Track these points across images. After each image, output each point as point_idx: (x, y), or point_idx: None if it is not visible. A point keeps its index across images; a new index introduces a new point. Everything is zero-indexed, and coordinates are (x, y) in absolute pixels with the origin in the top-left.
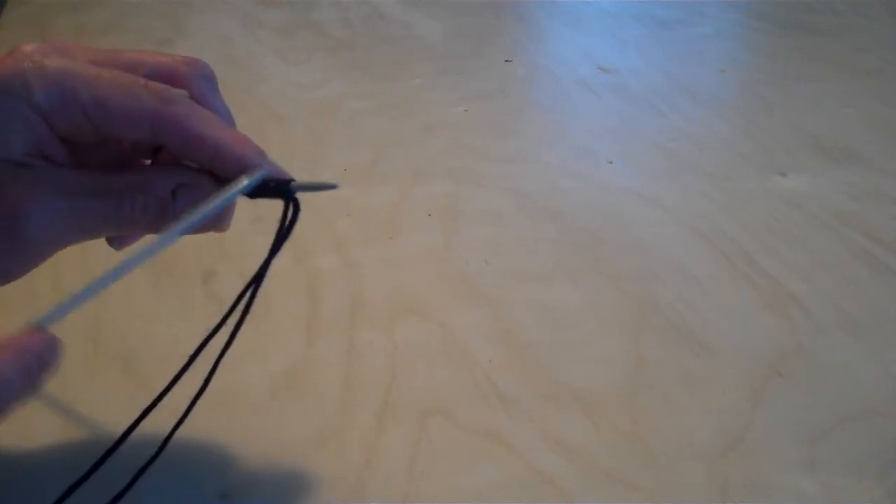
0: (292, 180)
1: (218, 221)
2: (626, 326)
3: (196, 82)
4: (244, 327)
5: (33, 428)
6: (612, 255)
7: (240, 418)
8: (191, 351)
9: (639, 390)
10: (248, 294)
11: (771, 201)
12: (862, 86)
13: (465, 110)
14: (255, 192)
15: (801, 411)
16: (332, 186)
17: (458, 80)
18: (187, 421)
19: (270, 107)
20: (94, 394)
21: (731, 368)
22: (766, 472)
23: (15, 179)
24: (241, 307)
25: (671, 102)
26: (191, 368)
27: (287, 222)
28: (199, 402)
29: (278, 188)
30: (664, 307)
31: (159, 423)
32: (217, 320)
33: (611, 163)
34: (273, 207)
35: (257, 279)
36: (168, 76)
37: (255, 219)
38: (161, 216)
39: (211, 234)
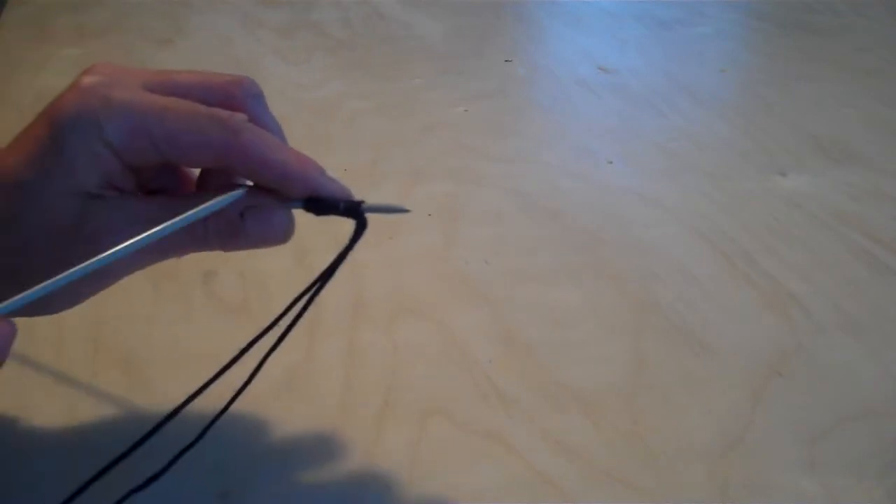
0: (363, 202)
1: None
2: (626, 326)
3: (249, 102)
4: (246, 327)
5: (33, 429)
6: (612, 255)
7: (240, 418)
8: (191, 351)
9: (639, 390)
10: (306, 297)
11: (771, 201)
12: (862, 86)
13: (465, 110)
14: (326, 209)
15: (801, 411)
16: (404, 211)
17: (458, 80)
18: (187, 420)
19: (270, 107)
20: (96, 395)
21: (731, 368)
22: (766, 472)
23: (90, 212)
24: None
25: (671, 102)
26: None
27: (352, 241)
28: (197, 402)
29: (349, 209)
30: (664, 307)
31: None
32: (217, 320)
33: (611, 163)
34: None
35: (323, 279)
36: (223, 98)
37: None
38: (232, 236)
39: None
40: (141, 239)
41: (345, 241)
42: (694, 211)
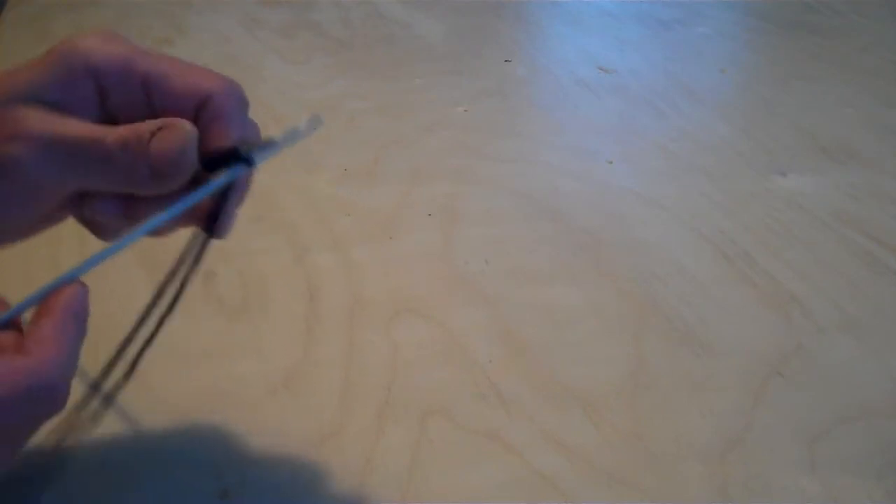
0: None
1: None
2: (626, 326)
3: (229, 109)
4: (245, 327)
5: None
6: (612, 255)
7: (240, 418)
8: (192, 350)
9: (639, 390)
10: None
11: (771, 201)
12: (862, 86)
13: (465, 110)
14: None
15: (801, 411)
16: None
17: (458, 80)
18: (187, 421)
19: (270, 107)
20: (95, 394)
21: (731, 368)
22: (766, 472)
23: (31, 117)
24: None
25: (671, 102)
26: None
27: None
28: (198, 402)
29: (234, 155)
30: (664, 307)
31: None
32: (217, 320)
33: (611, 163)
34: (273, 208)
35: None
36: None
37: (256, 219)
38: (138, 167)
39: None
40: (144, 227)
41: (344, 240)
42: (694, 211)
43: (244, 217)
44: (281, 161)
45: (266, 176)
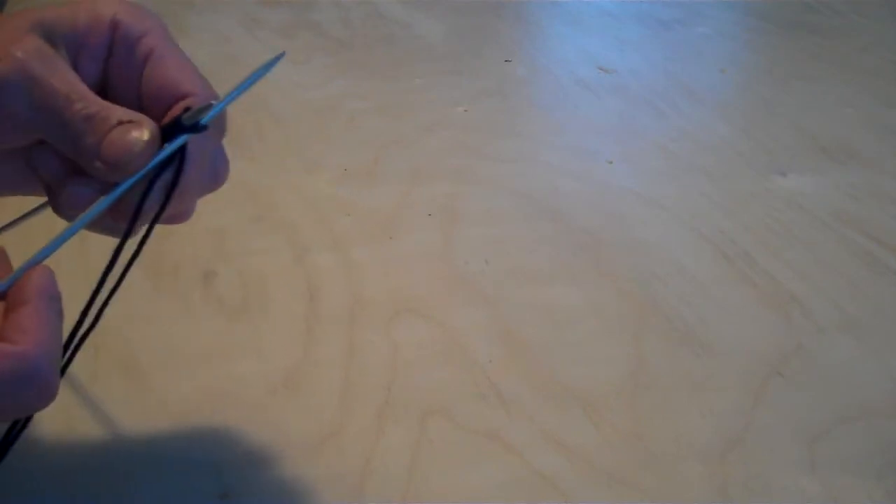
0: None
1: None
2: (626, 326)
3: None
4: (245, 327)
5: (32, 428)
6: (612, 255)
7: (240, 418)
8: (192, 351)
9: (639, 390)
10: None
11: (771, 201)
12: (862, 86)
13: (465, 110)
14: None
15: (801, 411)
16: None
17: (458, 80)
18: (187, 421)
19: (270, 107)
20: (95, 397)
21: (731, 368)
22: (766, 472)
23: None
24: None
25: (671, 102)
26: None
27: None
28: (198, 402)
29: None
30: (664, 307)
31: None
32: (217, 320)
33: (611, 163)
34: (273, 208)
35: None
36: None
37: (256, 219)
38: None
39: (210, 235)
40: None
41: (344, 240)
42: (694, 211)
43: (244, 217)
44: (281, 161)
45: (266, 176)
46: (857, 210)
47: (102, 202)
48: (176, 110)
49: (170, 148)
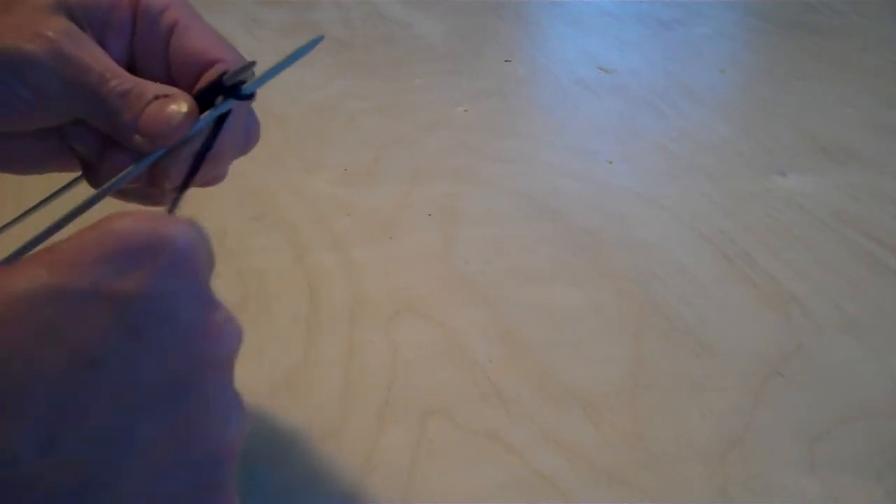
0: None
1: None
2: (626, 326)
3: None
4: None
5: None
6: (612, 255)
7: None
8: None
9: (639, 390)
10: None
11: (771, 201)
12: (862, 86)
13: (465, 110)
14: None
15: (801, 411)
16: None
17: (458, 80)
18: None
19: (270, 107)
20: None
21: (731, 368)
22: (766, 472)
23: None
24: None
25: (671, 102)
26: None
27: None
28: None
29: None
30: (664, 307)
31: None
32: None
33: (611, 163)
34: (273, 208)
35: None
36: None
37: (256, 218)
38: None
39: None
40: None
41: (344, 240)
42: (694, 211)
43: (244, 216)
44: (281, 161)
45: (266, 176)
46: (857, 210)
47: (134, 169)
48: (211, 75)
49: (216, 111)
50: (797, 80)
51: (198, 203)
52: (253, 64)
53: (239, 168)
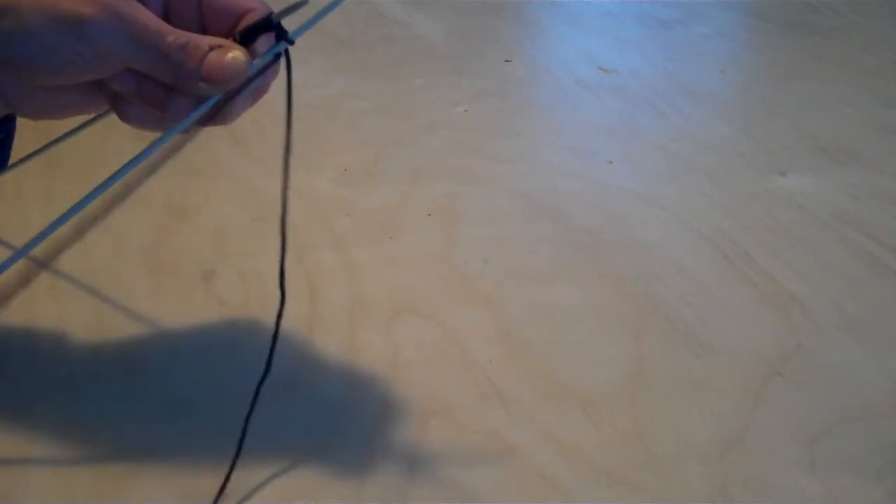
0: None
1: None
2: (626, 326)
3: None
4: (247, 327)
5: (33, 428)
6: (612, 255)
7: (239, 417)
8: (191, 351)
9: (639, 390)
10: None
11: (771, 201)
12: (862, 86)
13: (465, 110)
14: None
15: (801, 411)
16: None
17: (458, 80)
18: (188, 421)
19: (270, 107)
20: (96, 396)
21: (731, 368)
22: (766, 472)
23: None
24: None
25: (671, 102)
26: None
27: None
28: (198, 402)
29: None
30: (664, 307)
31: None
32: (217, 320)
33: (611, 163)
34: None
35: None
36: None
37: (256, 219)
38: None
39: (211, 235)
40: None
41: (344, 240)
42: (694, 211)
43: (244, 216)
44: (281, 161)
45: (266, 176)
46: (857, 210)
47: (201, 108)
48: (250, 18)
49: (270, 53)
50: (797, 80)
51: (198, 204)
52: (304, 2)
53: (239, 169)
